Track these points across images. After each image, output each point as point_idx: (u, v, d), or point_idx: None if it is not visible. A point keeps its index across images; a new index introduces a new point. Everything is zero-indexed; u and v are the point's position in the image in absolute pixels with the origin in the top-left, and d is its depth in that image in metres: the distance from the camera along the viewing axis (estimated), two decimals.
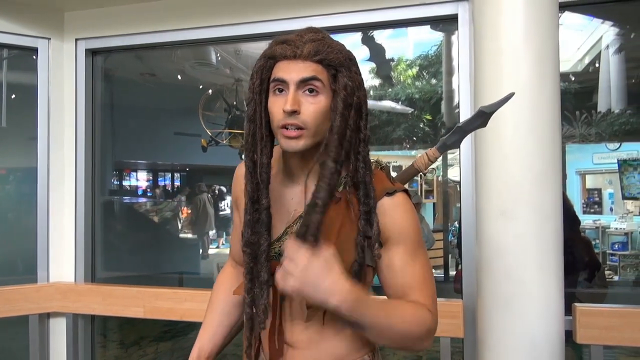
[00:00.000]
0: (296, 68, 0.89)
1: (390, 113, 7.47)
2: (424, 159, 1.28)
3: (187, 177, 10.18)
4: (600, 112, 6.07)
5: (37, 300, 2.35)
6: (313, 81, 0.89)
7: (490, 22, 1.65)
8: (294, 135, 0.89)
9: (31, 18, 2.42)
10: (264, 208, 0.95)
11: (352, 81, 0.92)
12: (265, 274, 0.96)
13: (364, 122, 0.95)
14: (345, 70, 0.91)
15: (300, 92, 0.90)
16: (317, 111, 0.90)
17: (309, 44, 0.90)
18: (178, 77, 5.72)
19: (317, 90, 0.90)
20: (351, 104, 0.91)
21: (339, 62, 0.91)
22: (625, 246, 6.59)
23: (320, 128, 0.91)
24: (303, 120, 0.89)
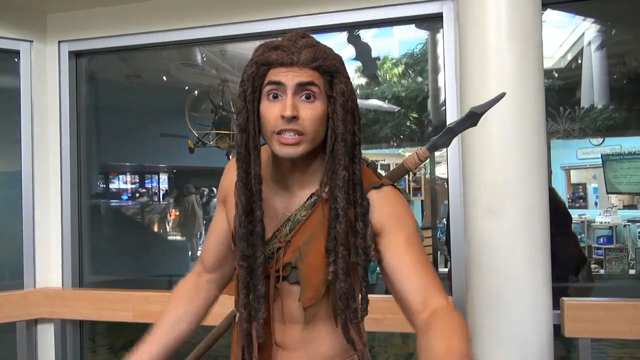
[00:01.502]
0: (292, 73, 0.88)
1: (377, 112, 7.50)
2: (414, 158, 1.28)
3: (175, 178, 10.11)
4: (583, 108, 6.15)
5: (23, 306, 2.32)
6: (311, 86, 0.88)
7: (475, 20, 1.67)
8: (293, 142, 0.88)
9: (13, 20, 2.39)
10: (259, 220, 0.93)
11: (347, 86, 0.92)
12: (262, 288, 0.94)
13: (357, 127, 0.95)
14: (341, 76, 0.91)
15: (297, 98, 0.88)
16: (315, 117, 0.89)
17: (305, 50, 0.88)
18: (163, 78, 5.67)
19: (315, 96, 0.89)
20: (348, 109, 0.91)
21: (335, 68, 0.91)
22: (610, 240, 6.70)
23: (318, 134, 0.91)
24: (302, 126, 0.88)
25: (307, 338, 0.98)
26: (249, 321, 0.95)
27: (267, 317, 0.96)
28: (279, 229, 0.97)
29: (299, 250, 0.94)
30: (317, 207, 0.95)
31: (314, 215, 0.95)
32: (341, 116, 0.89)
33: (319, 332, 0.98)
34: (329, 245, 0.91)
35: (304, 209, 0.96)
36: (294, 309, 0.97)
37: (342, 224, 0.89)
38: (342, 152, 0.89)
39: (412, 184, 8.80)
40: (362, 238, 0.92)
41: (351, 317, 0.93)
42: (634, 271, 5.90)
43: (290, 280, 0.96)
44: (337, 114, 0.90)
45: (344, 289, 0.91)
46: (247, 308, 0.95)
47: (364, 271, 0.94)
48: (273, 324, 0.98)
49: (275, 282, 0.96)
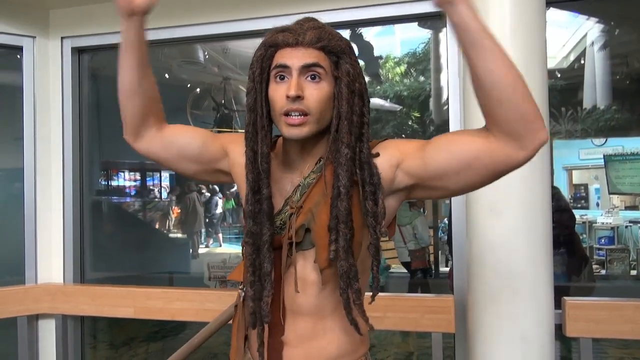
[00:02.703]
0: (298, 54, 0.89)
1: (378, 110, 7.50)
2: None
3: (176, 176, 10.11)
4: (585, 109, 6.14)
5: (25, 301, 2.32)
6: (316, 67, 0.89)
7: None
8: (298, 122, 0.89)
9: (15, 16, 2.39)
10: (265, 198, 0.94)
11: (353, 68, 0.92)
12: (268, 265, 0.94)
13: (366, 108, 0.95)
14: (347, 57, 0.92)
15: (303, 79, 0.89)
16: (321, 97, 0.90)
17: (311, 31, 0.90)
18: (165, 76, 5.67)
19: (320, 77, 0.90)
20: (354, 90, 0.92)
21: (341, 49, 0.91)
22: (612, 240, 6.68)
23: (323, 115, 0.91)
24: (307, 106, 0.89)
25: (309, 335, 0.96)
26: (255, 300, 0.95)
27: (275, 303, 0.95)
28: (290, 197, 0.97)
29: (310, 212, 0.93)
30: (326, 169, 0.94)
31: (323, 177, 0.94)
32: (346, 96, 0.90)
33: (325, 327, 0.96)
34: (330, 224, 0.91)
35: (312, 172, 0.97)
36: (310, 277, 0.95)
37: (344, 202, 0.89)
38: (346, 131, 0.90)
39: None
40: (372, 217, 0.92)
41: (354, 298, 0.91)
42: (635, 272, 5.89)
43: (304, 247, 0.95)
44: (342, 94, 0.90)
45: (344, 267, 0.90)
46: (254, 286, 0.95)
47: (375, 250, 0.93)
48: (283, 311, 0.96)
49: (288, 253, 0.94)
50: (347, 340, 0.97)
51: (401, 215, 5.12)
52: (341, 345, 0.96)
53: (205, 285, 3.76)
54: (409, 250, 5.00)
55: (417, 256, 4.95)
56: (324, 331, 0.96)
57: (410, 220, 5.02)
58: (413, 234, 4.99)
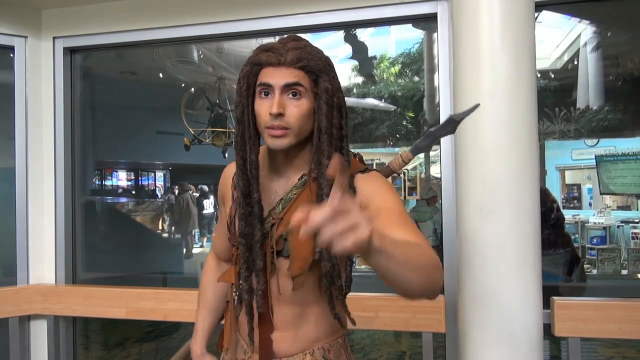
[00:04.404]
0: (280, 74, 0.98)
1: (373, 111, 7.51)
2: (398, 160, 1.39)
3: (170, 176, 10.10)
4: (579, 109, 6.17)
5: (16, 302, 2.32)
6: (296, 86, 0.98)
7: (468, 20, 1.67)
8: (279, 134, 0.98)
9: (7, 16, 2.38)
10: (256, 201, 1.03)
11: (331, 85, 1.01)
12: (260, 262, 1.04)
13: (344, 121, 1.04)
14: (325, 75, 1.00)
15: (285, 96, 0.98)
16: (300, 113, 0.99)
17: (292, 51, 0.98)
18: (159, 76, 5.66)
19: (300, 94, 0.99)
20: (332, 105, 1.00)
21: (319, 68, 0.99)
22: (604, 240, 6.73)
23: (303, 128, 1.00)
24: (287, 122, 0.98)
25: (296, 321, 1.08)
26: (250, 292, 1.06)
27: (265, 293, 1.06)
28: (273, 208, 1.07)
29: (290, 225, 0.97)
30: (307, 186, 1.04)
31: (303, 193, 1.04)
32: (325, 112, 0.99)
33: (308, 315, 1.08)
34: None
35: (295, 188, 1.06)
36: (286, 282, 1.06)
37: None
38: (326, 144, 0.99)
39: (408, 183, 8.81)
40: None
41: (337, 294, 1.04)
42: (626, 272, 5.93)
43: (284, 254, 1.04)
44: (322, 110, 0.99)
45: (327, 267, 1.00)
46: (248, 281, 1.06)
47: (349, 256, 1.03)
48: (271, 301, 1.07)
49: (271, 258, 1.05)
50: (328, 324, 1.10)
51: (420, 212, 5.10)
52: (323, 328, 1.10)
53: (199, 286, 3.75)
54: None
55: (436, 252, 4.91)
56: (307, 317, 1.08)
57: (430, 216, 4.98)
58: (433, 230, 4.92)
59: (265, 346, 1.08)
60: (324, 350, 1.09)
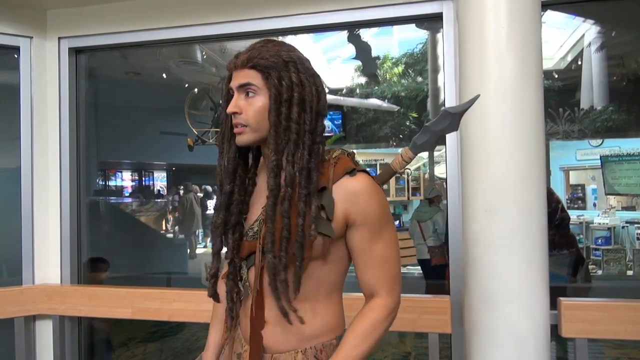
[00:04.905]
0: (236, 76, 1.06)
1: (376, 111, 7.49)
2: (398, 159, 1.37)
3: (174, 176, 10.10)
4: (583, 109, 6.15)
5: (22, 302, 2.32)
6: (248, 86, 1.04)
7: (474, 20, 1.67)
8: (239, 132, 1.06)
9: (13, 16, 2.39)
10: (226, 192, 1.10)
11: (286, 80, 1.03)
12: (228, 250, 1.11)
13: (308, 115, 1.04)
14: (276, 72, 1.03)
15: (242, 96, 1.06)
16: (255, 110, 1.04)
17: (246, 53, 1.05)
18: (163, 76, 5.66)
19: (254, 92, 1.04)
20: (288, 99, 1.03)
21: (268, 65, 1.03)
22: (609, 241, 6.70)
23: (262, 124, 1.05)
24: (244, 119, 1.05)
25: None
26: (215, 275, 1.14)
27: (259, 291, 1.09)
28: (264, 207, 1.09)
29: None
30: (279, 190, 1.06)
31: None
32: (272, 106, 1.03)
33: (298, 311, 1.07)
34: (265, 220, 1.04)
35: None
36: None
37: (270, 200, 1.02)
38: (272, 139, 1.03)
39: (412, 183, 8.80)
40: (301, 217, 1.01)
41: (280, 289, 1.03)
42: (631, 272, 5.91)
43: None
44: (270, 105, 1.03)
45: (269, 260, 1.02)
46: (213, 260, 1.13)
47: (299, 247, 1.01)
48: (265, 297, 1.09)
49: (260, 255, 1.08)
50: (320, 323, 1.09)
51: (421, 212, 5.08)
52: (315, 327, 1.09)
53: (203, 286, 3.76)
54: (428, 247, 4.91)
55: (437, 252, 4.84)
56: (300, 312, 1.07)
57: (431, 216, 4.94)
58: (433, 230, 4.90)
59: (256, 341, 1.09)
60: (316, 350, 1.09)
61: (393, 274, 1.08)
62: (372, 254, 1.06)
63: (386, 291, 1.07)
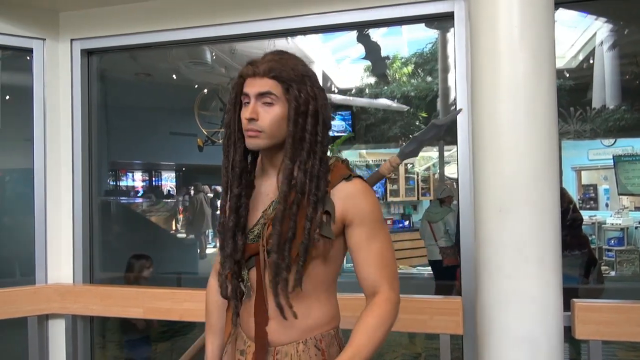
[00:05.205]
0: (255, 84, 1.10)
1: (386, 111, 7.48)
2: (387, 165, 1.50)
3: (184, 176, 10.16)
4: (594, 109, 6.09)
5: (35, 301, 2.35)
6: (268, 94, 1.10)
7: (487, 19, 1.66)
8: (253, 135, 1.10)
9: (26, 18, 2.41)
10: (234, 195, 1.14)
11: (305, 93, 1.11)
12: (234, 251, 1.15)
13: (320, 127, 1.13)
14: (296, 84, 1.10)
15: (259, 103, 1.10)
16: (272, 119, 1.10)
17: (266, 63, 1.10)
18: (173, 77, 5.70)
19: (272, 102, 1.10)
20: (305, 112, 1.11)
21: (290, 77, 1.10)
22: (622, 241, 6.62)
23: (276, 132, 1.11)
24: (260, 126, 1.10)
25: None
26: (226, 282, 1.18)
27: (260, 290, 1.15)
28: (265, 209, 1.17)
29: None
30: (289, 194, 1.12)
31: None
32: (292, 117, 1.10)
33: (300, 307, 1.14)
34: (273, 222, 1.10)
35: None
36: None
37: (281, 205, 1.09)
38: (289, 147, 1.10)
39: (421, 184, 8.77)
40: (309, 221, 1.10)
41: (282, 286, 1.10)
42: None
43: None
44: (290, 116, 1.10)
45: (274, 259, 1.09)
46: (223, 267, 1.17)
47: (304, 249, 1.10)
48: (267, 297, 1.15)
49: (264, 256, 1.14)
50: (319, 315, 1.17)
51: (432, 212, 5.05)
52: (316, 319, 1.16)
53: None
54: (440, 248, 4.87)
55: (449, 253, 4.80)
56: (300, 309, 1.14)
57: (442, 217, 4.91)
58: (445, 230, 4.86)
59: (261, 337, 1.15)
60: (316, 339, 1.17)
61: (392, 270, 1.16)
62: (370, 251, 1.13)
63: (388, 286, 1.14)
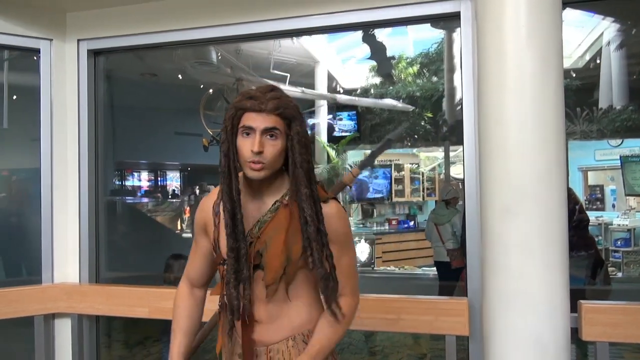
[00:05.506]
0: (261, 119, 1.19)
1: (391, 111, 7.47)
2: (349, 176, 1.74)
3: (189, 176, 10.18)
4: (601, 109, 6.06)
5: (42, 301, 2.36)
6: (274, 130, 1.20)
7: (493, 19, 1.65)
8: (258, 168, 1.20)
9: (33, 19, 2.42)
10: (239, 221, 1.23)
11: (301, 127, 1.23)
12: (246, 271, 1.25)
13: (311, 157, 1.27)
14: (297, 120, 1.23)
15: (264, 137, 1.19)
16: (275, 151, 1.21)
17: (271, 101, 1.19)
18: (179, 77, 5.72)
19: (276, 136, 1.20)
20: (302, 144, 1.22)
21: (292, 115, 1.22)
22: (629, 242, 6.57)
23: (276, 164, 1.23)
24: (264, 158, 1.19)
25: (277, 314, 1.29)
26: (238, 298, 1.25)
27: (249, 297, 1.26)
28: (251, 229, 1.27)
29: (265, 242, 1.26)
30: (279, 211, 1.26)
31: (276, 217, 1.26)
32: (298, 149, 1.22)
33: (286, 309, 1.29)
34: (304, 243, 1.22)
35: (269, 212, 1.28)
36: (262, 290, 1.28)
37: (311, 226, 1.21)
38: (302, 176, 1.22)
39: (426, 184, 8.75)
40: (325, 236, 1.24)
41: (330, 294, 1.24)
42: None
43: (261, 267, 1.26)
44: (295, 148, 1.22)
45: (321, 273, 1.22)
46: (237, 288, 1.25)
47: (331, 257, 1.24)
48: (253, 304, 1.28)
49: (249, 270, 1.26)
50: (305, 314, 1.31)
51: (439, 215, 4.99)
52: (302, 318, 1.30)
53: None
54: (447, 250, 4.80)
55: (457, 255, 4.72)
56: (286, 311, 1.29)
57: (449, 219, 4.85)
58: (452, 232, 4.80)
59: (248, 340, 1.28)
60: (303, 335, 1.30)
61: (355, 280, 1.34)
62: (340, 265, 1.27)
63: (351, 293, 1.32)
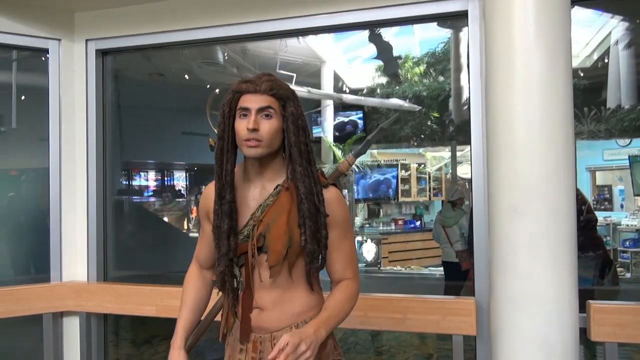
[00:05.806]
0: (256, 99, 1.24)
1: (397, 111, 7.45)
2: (345, 163, 1.78)
3: (195, 176, 10.21)
4: (609, 108, 6.02)
5: (50, 299, 2.38)
6: (268, 109, 1.24)
7: (502, 18, 1.64)
8: (254, 145, 1.23)
9: (42, 19, 2.44)
10: (227, 202, 1.27)
11: (296, 109, 1.28)
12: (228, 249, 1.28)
13: (309, 139, 1.30)
14: (291, 102, 1.27)
15: (259, 116, 1.24)
16: (271, 129, 1.24)
17: (265, 82, 1.25)
18: (185, 77, 5.73)
19: (271, 115, 1.25)
20: (298, 125, 1.27)
21: (286, 96, 1.27)
22: (637, 243, 6.52)
23: (273, 142, 1.26)
24: (261, 135, 1.23)
25: (279, 301, 1.31)
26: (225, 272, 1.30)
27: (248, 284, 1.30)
28: (253, 213, 1.31)
29: (267, 225, 1.28)
30: (281, 194, 1.29)
31: (278, 200, 1.29)
32: (293, 129, 1.26)
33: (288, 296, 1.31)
34: (299, 222, 1.26)
35: (271, 196, 1.30)
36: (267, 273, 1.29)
37: (306, 204, 1.25)
38: (297, 155, 1.26)
39: (433, 184, 8.73)
40: (323, 216, 1.29)
41: (313, 270, 1.31)
42: None
43: (264, 250, 1.28)
44: (290, 128, 1.26)
45: (310, 249, 1.27)
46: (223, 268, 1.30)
47: (325, 239, 1.30)
48: (254, 290, 1.31)
49: (252, 255, 1.28)
50: (306, 301, 1.33)
51: (446, 217, 4.95)
52: (303, 305, 1.33)
53: None
54: (456, 252, 4.74)
55: (466, 257, 4.66)
56: (289, 298, 1.31)
57: (456, 220, 4.81)
58: (460, 234, 4.75)
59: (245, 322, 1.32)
60: (305, 322, 1.31)
61: (356, 264, 1.39)
62: (341, 249, 1.34)
63: (353, 276, 1.36)
